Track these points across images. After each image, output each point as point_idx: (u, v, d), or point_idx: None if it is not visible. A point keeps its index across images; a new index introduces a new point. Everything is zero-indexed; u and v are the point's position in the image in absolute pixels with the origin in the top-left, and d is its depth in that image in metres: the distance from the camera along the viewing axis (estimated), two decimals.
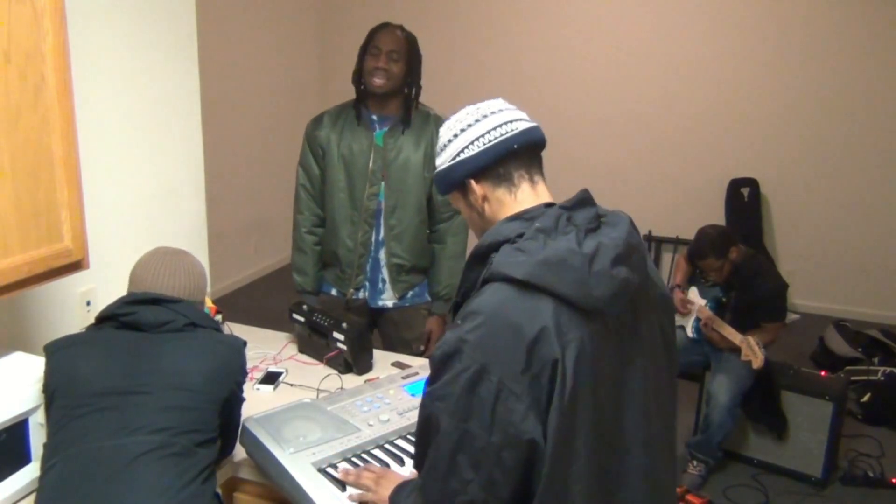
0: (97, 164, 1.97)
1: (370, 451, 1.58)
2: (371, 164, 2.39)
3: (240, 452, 1.65)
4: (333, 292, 2.56)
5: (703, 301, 3.31)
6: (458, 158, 1.20)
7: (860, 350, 4.17)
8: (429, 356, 2.47)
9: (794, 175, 5.20)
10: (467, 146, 1.19)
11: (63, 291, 1.93)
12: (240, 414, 1.61)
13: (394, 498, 1.25)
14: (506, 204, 1.20)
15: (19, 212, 1.40)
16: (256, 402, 1.84)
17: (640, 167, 5.55)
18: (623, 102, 5.52)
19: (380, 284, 2.50)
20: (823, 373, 3.54)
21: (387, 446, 1.61)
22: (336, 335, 2.12)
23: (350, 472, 1.44)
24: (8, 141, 1.36)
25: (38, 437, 1.51)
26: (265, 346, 2.30)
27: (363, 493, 1.38)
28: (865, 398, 3.71)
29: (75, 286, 1.96)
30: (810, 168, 5.15)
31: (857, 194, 5.08)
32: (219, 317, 2.17)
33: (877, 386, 3.74)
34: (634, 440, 1.13)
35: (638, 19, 5.37)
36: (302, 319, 2.24)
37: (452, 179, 1.22)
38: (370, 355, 2.18)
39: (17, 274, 1.41)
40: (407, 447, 1.60)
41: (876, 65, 4.87)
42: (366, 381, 2.06)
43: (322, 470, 1.48)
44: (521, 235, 1.10)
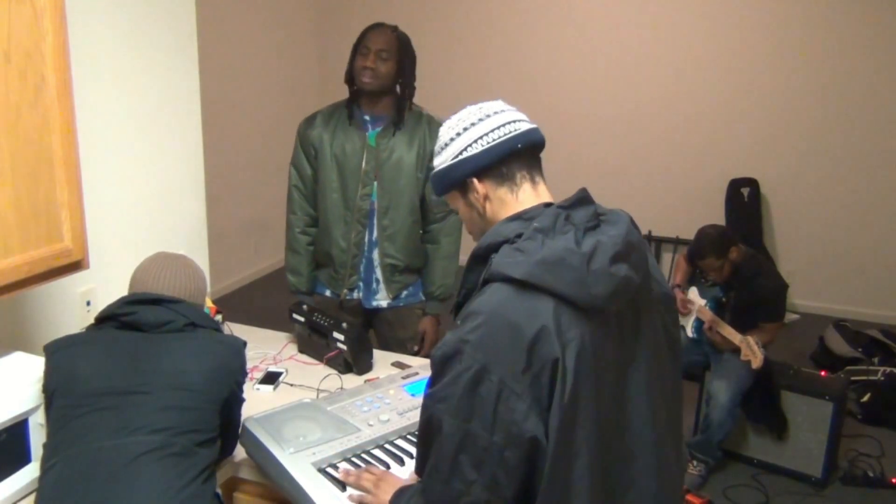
0: (97, 164, 1.97)
1: (370, 451, 1.58)
2: (364, 165, 2.38)
3: (240, 452, 1.65)
4: (327, 293, 2.55)
5: (702, 301, 3.31)
6: (460, 157, 1.20)
7: (860, 350, 4.17)
8: (423, 355, 2.48)
9: (794, 175, 5.20)
10: (470, 144, 1.19)
11: (63, 291, 1.93)
12: (240, 414, 1.61)
13: (394, 502, 1.25)
14: (507, 203, 1.20)
15: (19, 212, 1.40)
16: (256, 402, 1.84)
17: (640, 167, 5.55)
18: (623, 102, 5.52)
19: (374, 285, 2.50)
20: (823, 373, 3.54)
21: (387, 446, 1.60)
22: (336, 335, 2.12)
23: (350, 473, 1.44)
24: (8, 141, 1.36)
25: (38, 437, 1.51)
26: (265, 346, 2.30)
27: (363, 494, 1.38)
28: (865, 398, 3.71)
29: (75, 286, 1.96)
30: (810, 168, 5.16)
31: (857, 194, 5.08)
32: (219, 317, 2.17)
33: (877, 386, 3.74)
34: (641, 439, 1.13)
35: (638, 19, 5.37)
36: (302, 319, 2.24)
37: (453, 178, 1.22)
38: (370, 355, 2.18)
39: (17, 274, 1.41)
40: (407, 447, 1.60)
41: (876, 65, 4.87)
42: (366, 381, 2.05)
43: (322, 470, 1.48)
44: (519, 235, 1.10)
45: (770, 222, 5.34)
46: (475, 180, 1.20)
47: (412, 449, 1.59)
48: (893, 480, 3.17)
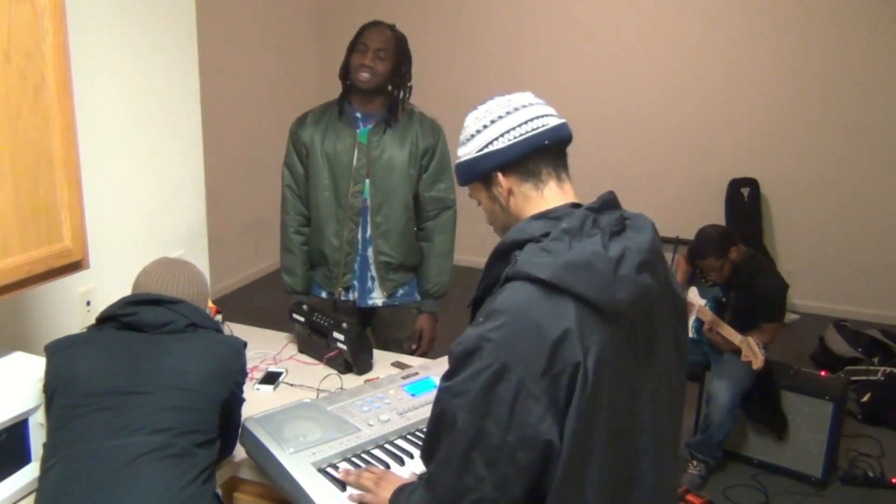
0: (97, 164, 1.97)
1: (370, 451, 1.58)
2: (355, 162, 2.38)
3: (240, 452, 1.65)
4: (323, 294, 2.55)
5: (702, 301, 3.31)
6: (486, 150, 1.19)
7: (860, 350, 4.17)
8: (420, 354, 2.48)
9: (794, 175, 5.20)
10: (497, 138, 1.18)
11: (63, 291, 1.93)
12: (240, 414, 1.61)
13: (393, 500, 1.25)
14: (532, 199, 1.19)
15: (19, 212, 1.40)
16: (256, 402, 1.83)
17: (640, 167, 5.55)
18: (623, 102, 5.52)
19: (368, 283, 2.49)
20: (823, 373, 3.55)
21: (387, 446, 1.60)
22: (336, 335, 2.12)
23: (351, 473, 1.44)
24: (8, 141, 1.36)
25: (38, 437, 1.51)
26: (265, 346, 2.30)
27: (363, 493, 1.38)
28: (865, 398, 3.71)
29: (75, 286, 1.96)
30: (810, 168, 5.15)
31: (856, 194, 5.07)
32: (219, 317, 2.17)
33: (877, 386, 3.74)
34: (646, 444, 1.13)
35: (638, 19, 5.37)
36: (302, 319, 2.24)
37: (477, 170, 1.21)
38: (370, 355, 2.18)
39: (17, 274, 1.41)
40: (407, 447, 1.60)
41: (876, 65, 4.87)
42: (366, 381, 2.05)
43: (322, 470, 1.48)
44: (546, 235, 1.10)
45: (770, 222, 5.34)
46: (499, 174, 1.19)
47: (412, 449, 1.59)
48: (893, 480, 3.17)
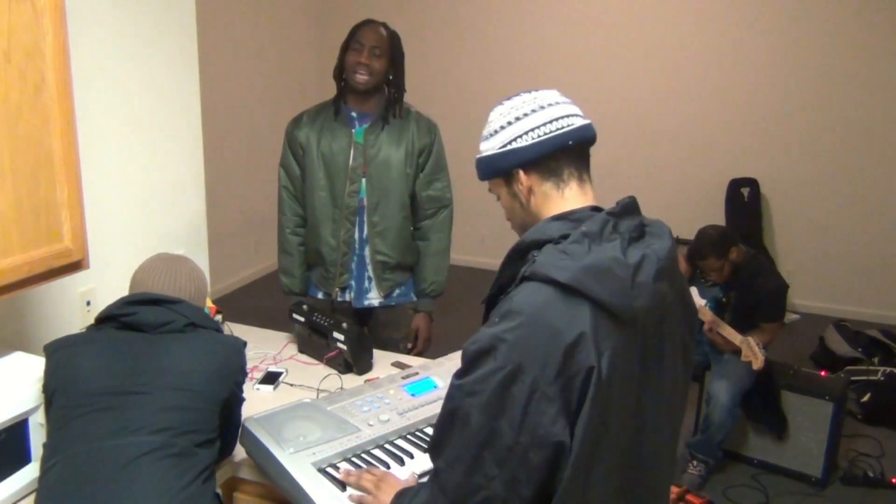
0: (97, 164, 1.97)
1: (370, 451, 1.58)
2: (351, 162, 2.37)
3: (240, 452, 1.65)
4: (320, 295, 2.54)
5: (703, 301, 3.31)
6: (509, 146, 1.18)
7: (860, 350, 4.17)
8: (417, 353, 2.48)
9: (794, 175, 5.20)
10: (521, 135, 1.17)
11: (63, 291, 1.93)
12: (240, 414, 1.61)
13: (395, 503, 1.25)
14: (552, 199, 1.18)
15: (19, 211, 1.40)
16: (256, 402, 1.84)
17: (640, 167, 5.55)
18: (623, 102, 5.52)
19: (365, 283, 2.49)
20: (823, 373, 3.55)
21: (387, 446, 1.60)
22: (336, 335, 2.12)
23: (351, 474, 1.43)
24: (8, 141, 1.36)
25: (38, 437, 1.51)
26: (265, 346, 2.30)
27: (363, 495, 1.38)
28: (865, 398, 3.71)
29: (75, 286, 1.96)
30: (810, 168, 5.15)
31: (857, 194, 5.08)
32: (219, 317, 2.17)
33: (877, 386, 3.74)
34: (649, 449, 1.14)
35: (637, 18, 5.37)
36: (302, 319, 2.24)
37: (499, 167, 1.21)
38: (370, 355, 2.18)
39: (17, 274, 1.41)
40: (407, 447, 1.60)
41: (876, 65, 4.87)
42: (366, 381, 2.05)
43: (322, 470, 1.48)
44: (565, 237, 1.09)
45: (770, 222, 5.34)
46: (521, 172, 1.18)
47: (412, 449, 1.59)
48: (893, 480, 3.17)
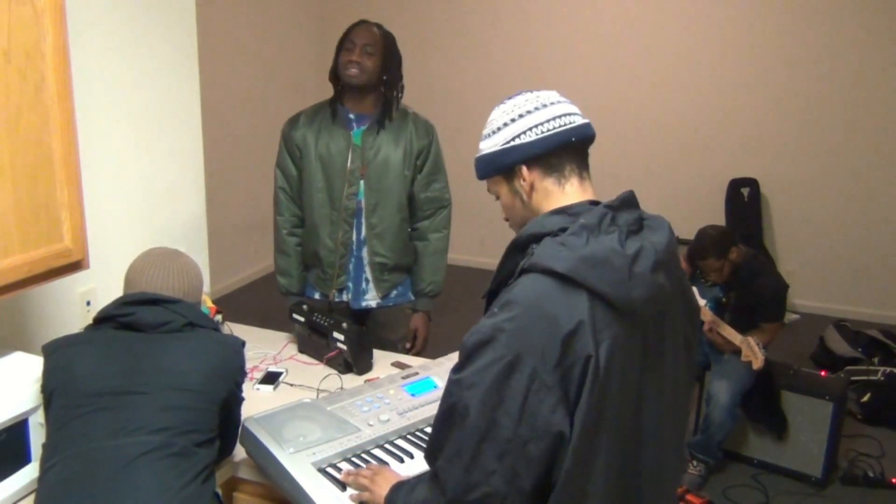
0: (97, 164, 1.97)
1: (370, 451, 1.58)
2: (349, 164, 2.37)
3: (240, 452, 1.65)
4: (317, 296, 2.54)
5: (703, 301, 3.31)
6: (512, 143, 1.20)
7: (860, 350, 4.17)
8: (415, 353, 2.48)
9: (794, 175, 5.20)
10: (525, 132, 1.19)
11: (63, 291, 1.93)
12: (239, 414, 1.61)
13: (391, 497, 1.25)
14: (552, 195, 1.20)
15: (19, 212, 1.40)
16: (256, 402, 1.84)
17: (640, 167, 5.55)
18: (623, 102, 5.52)
19: (363, 284, 2.49)
20: (823, 373, 3.54)
21: (387, 446, 1.60)
22: (336, 335, 2.12)
23: (350, 473, 1.44)
24: (8, 141, 1.36)
25: (38, 437, 1.51)
26: (265, 346, 2.30)
27: (361, 493, 1.38)
28: (865, 398, 3.71)
29: (75, 286, 1.96)
30: (810, 168, 5.15)
31: (857, 194, 5.08)
32: (219, 317, 2.17)
33: (877, 386, 3.74)
34: (650, 442, 1.14)
35: (637, 18, 5.37)
36: (302, 319, 2.24)
37: (502, 163, 1.22)
38: (370, 355, 2.18)
39: (17, 274, 1.41)
40: (407, 447, 1.60)
41: (876, 65, 4.87)
42: (366, 381, 2.05)
43: (322, 470, 1.48)
44: (563, 230, 1.11)
45: (770, 222, 5.34)
46: (524, 168, 1.20)
47: (412, 449, 1.59)
48: (893, 480, 3.17)
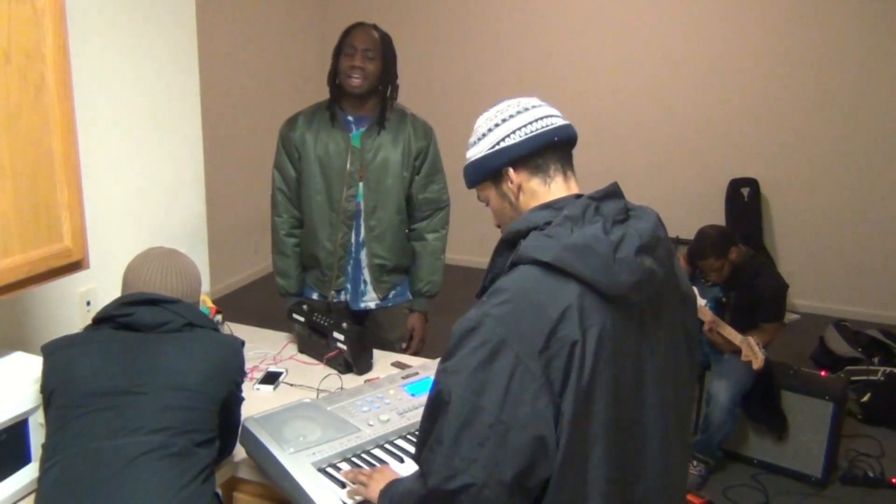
0: (97, 164, 1.97)
1: (370, 451, 1.58)
2: (348, 166, 2.36)
3: (240, 452, 1.65)
4: (315, 296, 2.54)
5: (703, 301, 3.31)
6: (498, 146, 1.22)
7: (860, 350, 4.17)
8: (412, 353, 2.48)
9: (794, 175, 5.20)
10: (509, 135, 1.21)
11: (63, 291, 1.93)
12: (239, 414, 1.61)
13: (384, 491, 1.26)
14: (539, 194, 1.22)
15: (19, 212, 1.40)
16: (256, 402, 1.84)
17: (640, 167, 5.55)
18: (623, 103, 5.52)
19: (362, 286, 2.49)
20: (823, 373, 3.55)
21: (387, 446, 1.61)
22: (336, 335, 2.12)
23: (350, 472, 1.46)
24: (8, 141, 1.36)
25: (38, 437, 1.51)
26: (265, 346, 2.30)
27: (357, 487, 1.39)
28: (865, 398, 3.71)
29: (75, 286, 1.96)
30: (810, 168, 5.15)
31: (856, 194, 5.08)
32: (219, 317, 2.17)
33: (877, 386, 3.74)
34: (653, 432, 1.14)
35: (637, 19, 5.37)
36: (302, 319, 2.24)
37: (489, 167, 1.24)
38: (370, 355, 2.18)
39: (17, 274, 1.41)
40: (407, 447, 1.60)
41: (876, 65, 4.87)
42: (366, 381, 2.06)
43: (322, 470, 1.48)
44: (549, 223, 1.12)
45: (770, 222, 5.34)
46: (511, 170, 1.22)
47: (412, 448, 1.59)
48: (893, 480, 3.17)
